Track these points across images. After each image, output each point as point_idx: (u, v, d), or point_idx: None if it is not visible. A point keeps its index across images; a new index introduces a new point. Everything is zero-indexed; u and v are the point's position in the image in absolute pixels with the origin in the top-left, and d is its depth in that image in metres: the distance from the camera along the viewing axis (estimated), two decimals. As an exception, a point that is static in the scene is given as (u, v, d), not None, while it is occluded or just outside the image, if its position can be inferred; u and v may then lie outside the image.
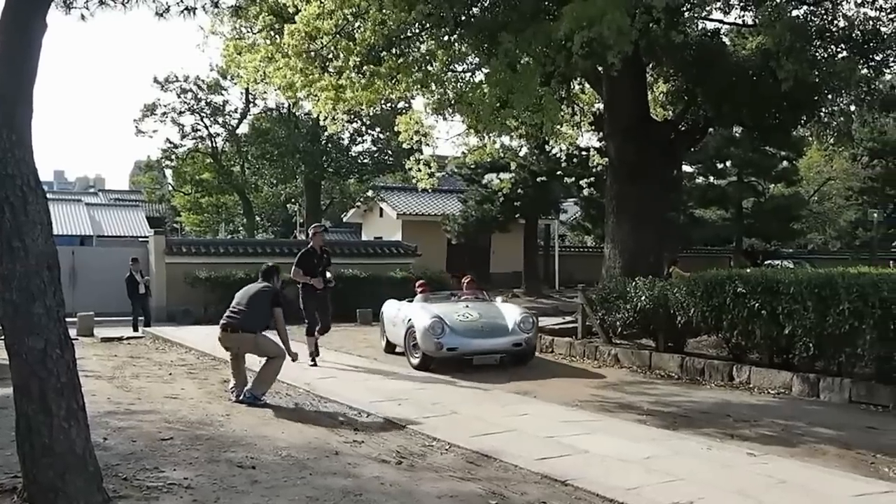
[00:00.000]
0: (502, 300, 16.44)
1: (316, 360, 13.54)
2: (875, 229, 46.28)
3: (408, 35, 14.40)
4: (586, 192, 34.64)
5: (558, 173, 33.34)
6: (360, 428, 8.77)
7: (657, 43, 14.59)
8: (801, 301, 11.35)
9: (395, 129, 18.45)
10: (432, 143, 18.83)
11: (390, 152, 45.96)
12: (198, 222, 56.62)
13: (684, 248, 37.33)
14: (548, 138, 20.47)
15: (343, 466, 6.93)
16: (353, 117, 27.95)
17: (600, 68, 15.59)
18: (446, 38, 14.54)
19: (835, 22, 15.79)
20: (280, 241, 36.61)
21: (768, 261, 33.87)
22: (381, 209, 43.29)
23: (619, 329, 15.13)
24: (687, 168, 38.38)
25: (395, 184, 45.91)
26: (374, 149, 48.44)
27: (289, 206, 53.50)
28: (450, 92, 15.08)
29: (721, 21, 17.32)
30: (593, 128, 20.70)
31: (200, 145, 49.08)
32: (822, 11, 15.87)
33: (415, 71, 14.55)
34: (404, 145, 18.99)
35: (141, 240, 35.85)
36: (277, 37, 15.05)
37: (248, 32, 16.50)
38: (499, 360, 13.86)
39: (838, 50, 15.73)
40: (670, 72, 17.62)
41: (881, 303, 10.36)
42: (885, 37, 15.55)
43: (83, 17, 8.08)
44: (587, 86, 19.13)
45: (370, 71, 14.30)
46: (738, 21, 17.10)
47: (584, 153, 26.16)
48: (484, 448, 7.82)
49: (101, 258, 27.76)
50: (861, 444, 8.49)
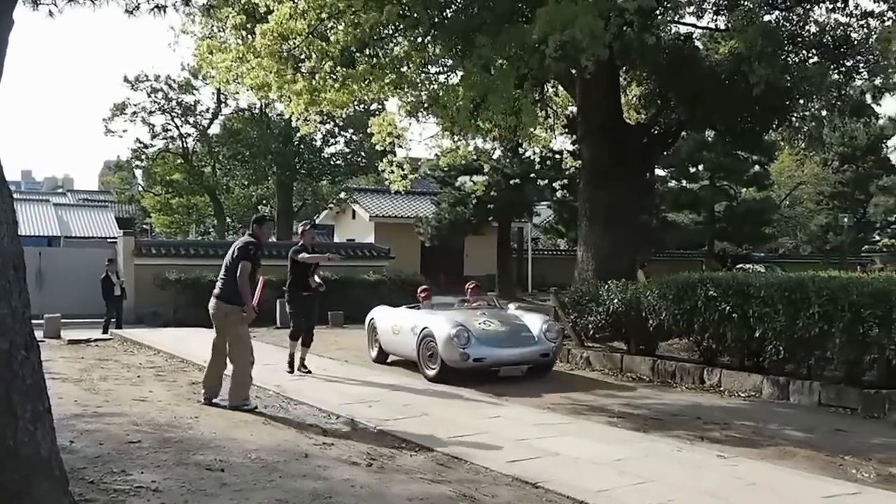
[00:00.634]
0: (515, 307, 15.39)
1: (294, 368, 12.85)
2: (845, 233, 46.76)
3: (381, 36, 14.34)
4: (559, 195, 34.71)
5: (532, 176, 33.41)
6: (330, 430, 8.71)
7: (631, 46, 14.60)
8: (771, 304, 11.41)
9: (369, 130, 18.39)
10: (406, 145, 18.77)
11: (363, 154, 45.83)
12: (168, 223, 56.17)
13: (657, 251, 37.56)
14: (522, 141, 20.49)
15: (313, 469, 6.88)
16: (325, 118, 27.80)
17: (574, 71, 15.62)
18: (420, 40, 14.51)
19: (806, 27, 15.91)
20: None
21: (739, 264, 34.02)
22: (354, 211, 43.21)
23: (592, 332, 15.14)
24: (660, 172, 38.65)
25: (368, 186, 45.79)
26: (347, 150, 48.29)
27: (260, 207, 53.23)
28: (424, 94, 15.04)
29: (694, 25, 17.40)
30: (567, 130, 20.74)
31: (171, 145, 48.74)
32: (794, 17, 15.97)
33: (389, 72, 14.49)
34: (377, 147, 18.90)
35: (110, 241, 35.52)
36: (250, 37, 14.93)
37: (219, 32, 16.35)
38: (524, 372, 13.06)
39: (810, 55, 15.84)
40: (644, 75, 17.68)
41: (850, 306, 10.44)
42: (855, 42, 15.67)
43: (51, 14, 8.02)
44: (561, 88, 19.16)
45: (343, 73, 14.24)
46: (711, 25, 17.17)
47: (557, 156, 26.20)
48: (455, 450, 7.79)
49: (68, 259, 27.48)
50: (830, 447, 8.56)
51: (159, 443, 7.54)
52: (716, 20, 16.93)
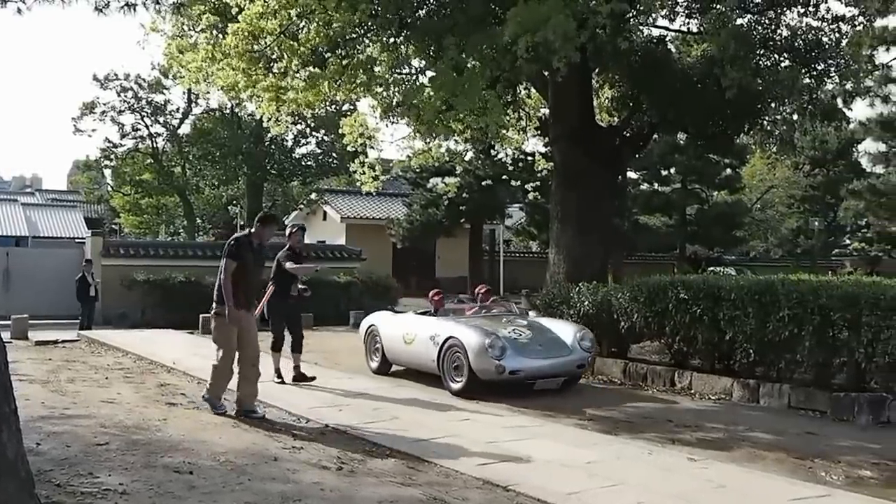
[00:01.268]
0: (535, 314, 14.29)
1: (282, 377, 12.19)
2: (816, 237, 47.16)
3: (353, 37, 14.29)
4: (531, 197, 34.79)
5: (504, 178, 33.47)
6: (299, 433, 8.66)
7: (603, 49, 14.62)
8: (742, 307, 11.46)
9: (340, 131, 18.31)
10: (377, 146, 18.69)
11: (335, 155, 45.84)
12: (137, 224, 55.78)
13: (628, 254, 37.70)
14: (493, 142, 20.50)
15: (282, 472, 6.83)
16: (297, 119, 27.75)
17: (546, 73, 15.62)
18: (391, 41, 14.47)
19: (778, 31, 15.95)
20: (222, 244, 36.18)
21: (712, 267, 34.23)
22: (325, 212, 43.09)
23: (563, 334, 15.11)
24: (632, 174, 38.83)
25: (340, 187, 45.72)
26: (319, 151, 48.28)
27: (231, 208, 53.03)
28: (395, 94, 14.99)
29: (666, 28, 17.40)
30: (539, 132, 20.73)
31: (141, 145, 48.52)
32: (766, 20, 16.02)
33: (360, 73, 14.44)
34: (349, 148, 18.83)
35: (78, 241, 35.25)
36: (221, 36, 14.84)
37: (190, 31, 16.23)
38: (560, 385, 12.15)
39: (781, 59, 15.89)
40: (616, 78, 17.69)
41: (820, 309, 10.50)
42: (826, 47, 15.75)
43: (19, 11, 7.92)
44: (533, 90, 19.15)
45: (313, 73, 14.17)
46: (684, 29, 17.21)
47: (529, 158, 26.24)
48: (425, 453, 7.75)
49: (36, 260, 27.27)
50: (799, 449, 8.59)
51: (127, 445, 7.46)
52: (688, 23, 16.98)
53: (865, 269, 32.83)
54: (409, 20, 14.12)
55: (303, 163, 48.31)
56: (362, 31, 14.30)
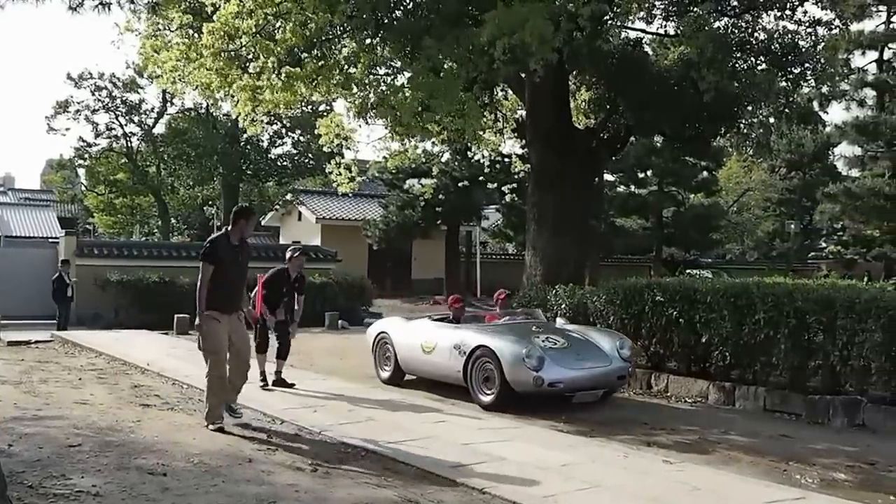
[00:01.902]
0: (563, 322, 13.25)
1: (268, 380, 11.91)
2: (792, 240, 47.40)
3: (329, 37, 14.23)
4: (508, 199, 34.70)
5: (480, 179, 33.49)
6: (274, 435, 8.61)
7: (580, 51, 14.62)
8: (717, 310, 11.50)
9: (316, 131, 18.22)
10: (353, 147, 18.61)
11: (311, 155, 45.76)
12: (111, 223, 55.53)
13: (605, 256, 37.74)
14: (470, 144, 20.46)
15: (257, 474, 6.80)
16: (273, 119, 27.73)
17: (523, 75, 15.61)
18: (368, 42, 14.41)
19: (755, 34, 16.00)
20: (197, 245, 36.01)
21: (687, 270, 34.32)
22: (300, 213, 42.88)
23: (539, 336, 15.10)
24: (608, 177, 38.82)
25: (315, 187, 45.58)
26: (295, 152, 48.20)
27: (206, 208, 52.84)
28: (371, 95, 14.94)
29: (644, 31, 17.45)
30: (516, 134, 20.71)
31: (115, 144, 48.33)
32: (743, 23, 16.07)
33: (336, 73, 14.39)
34: (325, 148, 18.78)
35: (52, 241, 34.98)
36: (196, 35, 14.74)
37: (165, 30, 16.12)
38: (599, 397, 11.45)
39: (758, 62, 15.95)
40: (593, 80, 17.68)
41: (795, 312, 10.56)
42: (803, 50, 15.81)
43: (-8, 9, 7.80)
44: (510, 92, 19.13)
45: (290, 73, 14.10)
46: (661, 31, 17.26)
47: (506, 160, 26.22)
48: (400, 455, 7.73)
49: (8, 260, 26.96)
50: (774, 452, 8.63)
51: (100, 446, 7.43)
52: (665, 26, 17.04)
53: (840, 271, 33.00)
54: (385, 20, 14.07)
55: (279, 163, 48.21)
56: (339, 32, 14.25)
